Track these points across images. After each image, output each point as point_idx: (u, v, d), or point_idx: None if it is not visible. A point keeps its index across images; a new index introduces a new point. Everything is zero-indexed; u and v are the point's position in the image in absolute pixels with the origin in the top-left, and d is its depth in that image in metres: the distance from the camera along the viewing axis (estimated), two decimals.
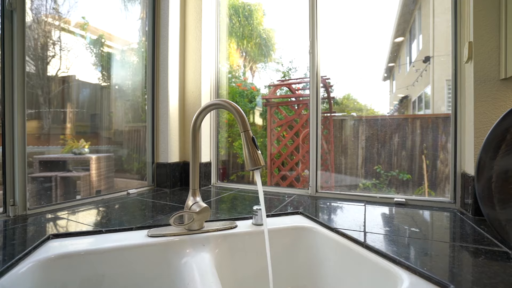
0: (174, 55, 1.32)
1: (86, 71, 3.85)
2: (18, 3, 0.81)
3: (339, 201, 1.07)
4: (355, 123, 2.96)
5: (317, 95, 1.14)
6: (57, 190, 3.25)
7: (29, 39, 4.27)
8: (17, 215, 0.81)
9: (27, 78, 3.06)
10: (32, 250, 0.58)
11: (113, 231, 0.71)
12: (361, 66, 2.99)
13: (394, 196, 1.04)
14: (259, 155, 0.63)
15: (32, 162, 3.81)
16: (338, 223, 0.78)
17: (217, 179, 1.44)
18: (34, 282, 0.52)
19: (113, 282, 0.61)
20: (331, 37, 3.00)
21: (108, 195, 1.11)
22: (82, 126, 4.13)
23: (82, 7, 3.67)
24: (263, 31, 5.02)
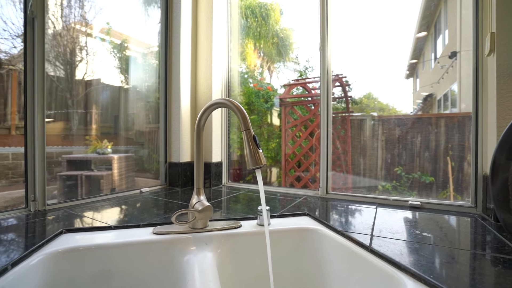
0: (186, 55, 1.35)
1: (110, 74, 4.04)
2: (38, 11, 0.86)
3: (349, 203, 1.04)
4: (375, 122, 2.86)
5: (328, 94, 1.11)
6: (82, 188, 3.44)
7: (59, 45, 4.55)
8: (37, 210, 0.87)
9: (57, 83, 3.25)
10: (45, 243, 0.62)
11: (122, 228, 0.74)
12: (382, 63, 2.88)
13: (409, 198, 0.99)
14: (260, 154, 0.63)
15: (60, 162, 4.06)
16: (345, 226, 0.75)
17: (228, 179, 1.45)
18: (43, 274, 0.55)
19: (118, 276, 0.64)
20: (348, 34, 2.92)
21: (122, 193, 1.15)
22: (106, 127, 4.33)
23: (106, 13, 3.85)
24: (280, 31, 4.99)
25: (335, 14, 1.17)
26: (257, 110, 3.60)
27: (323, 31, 1.11)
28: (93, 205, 0.97)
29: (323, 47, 1.11)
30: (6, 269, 0.49)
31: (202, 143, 0.75)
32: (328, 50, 1.12)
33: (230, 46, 1.48)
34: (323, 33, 1.11)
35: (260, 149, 0.63)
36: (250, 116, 3.51)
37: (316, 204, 1.02)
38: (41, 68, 0.86)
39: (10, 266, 0.50)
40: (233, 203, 1.05)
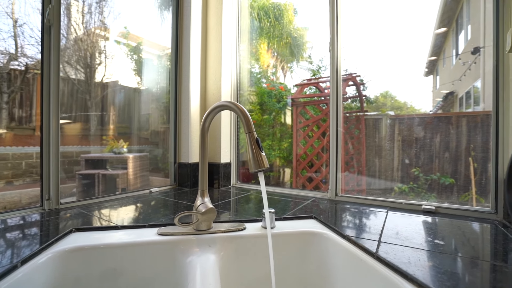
0: (195, 57, 1.36)
1: (126, 76, 4.17)
2: (55, 19, 0.90)
3: (359, 206, 1.00)
4: (391, 122, 2.77)
5: (338, 93, 1.08)
6: (99, 186, 3.57)
7: (80, 50, 4.73)
8: (51, 209, 0.90)
9: (78, 85, 3.36)
10: (54, 241, 0.64)
11: (128, 228, 0.75)
12: (399, 61, 2.78)
13: (422, 202, 0.95)
14: (263, 157, 0.62)
15: (79, 161, 4.21)
16: (352, 230, 0.73)
17: (237, 179, 1.45)
18: (51, 272, 0.57)
19: (123, 276, 0.65)
20: (363, 31, 2.85)
21: (132, 193, 1.18)
22: (122, 127, 4.47)
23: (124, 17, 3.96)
24: (294, 31, 4.96)
25: (348, 12, 1.14)
26: (269, 110, 3.58)
27: (333, 30, 1.08)
28: (104, 204, 1.00)
29: (333, 47, 1.09)
30: (16, 267, 0.52)
31: (207, 145, 0.75)
32: (338, 49, 1.09)
33: (240, 47, 1.48)
34: (333, 32, 1.08)
35: (263, 152, 0.62)
36: (262, 116, 3.50)
37: (324, 206, 1.00)
38: (56, 72, 0.90)
39: (20, 264, 0.53)
40: (240, 205, 1.04)
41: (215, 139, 1.38)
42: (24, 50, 4.90)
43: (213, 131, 1.40)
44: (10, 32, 4.54)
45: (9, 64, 4.79)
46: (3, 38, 4.76)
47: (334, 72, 1.09)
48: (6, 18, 4.60)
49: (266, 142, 3.43)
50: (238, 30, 1.46)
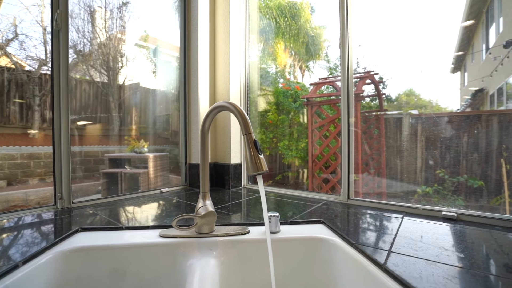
0: (204, 58, 1.36)
1: (147, 78, 4.29)
2: (63, 24, 0.93)
3: (372, 211, 0.94)
4: (414, 121, 2.63)
5: (349, 92, 1.03)
6: (122, 184, 3.69)
7: (103, 54, 4.93)
8: (63, 208, 0.93)
9: (102, 88, 3.53)
10: (59, 241, 0.65)
11: (132, 228, 0.76)
12: (423, 57, 2.63)
13: (443, 208, 0.87)
14: (261, 160, 0.59)
15: (103, 160, 4.38)
16: (361, 237, 0.68)
17: (248, 180, 1.43)
18: (53, 272, 0.58)
19: (124, 277, 0.65)
20: (383, 27, 2.72)
21: (143, 193, 1.19)
22: (143, 128, 4.61)
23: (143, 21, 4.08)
24: (311, 29, 4.88)
25: (366, 5, 1.08)
26: (286, 110, 3.54)
27: (343, 25, 1.03)
28: (114, 204, 1.02)
29: (343, 43, 1.03)
30: (17, 266, 0.53)
31: (207, 147, 0.73)
32: (348, 45, 1.04)
33: (249, 47, 1.46)
34: (343, 28, 1.03)
35: (261, 155, 0.60)
36: (279, 116, 3.47)
37: (334, 210, 0.95)
38: (65, 75, 0.93)
39: (21, 263, 0.54)
40: (248, 207, 1.02)
41: (225, 140, 1.37)
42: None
43: (222, 132, 1.39)
44: (41, 39, 4.79)
45: (40, 69, 5.09)
46: (34, 45, 5.02)
47: (344, 69, 1.03)
48: (37, 26, 4.87)
49: (283, 142, 3.38)
50: (246, 31, 1.44)
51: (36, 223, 0.79)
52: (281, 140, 3.49)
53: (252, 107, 3.72)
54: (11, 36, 3.76)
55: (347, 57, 1.03)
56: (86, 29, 4.85)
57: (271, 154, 3.79)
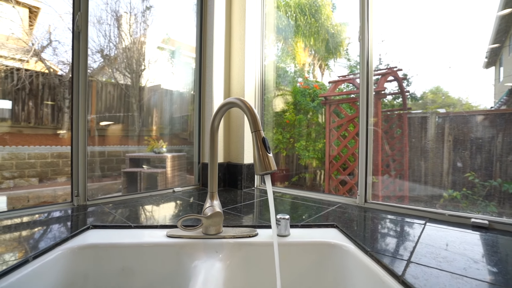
0: (219, 56, 1.35)
1: (168, 80, 4.40)
2: (83, 26, 0.95)
3: (391, 215, 0.88)
4: (441, 120, 2.48)
5: (368, 89, 0.97)
6: (141, 183, 3.80)
7: (127, 57, 5.09)
8: (79, 205, 0.96)
9: (125, 90, 3.68)
10: (70, 237, 0.66)
11: (141, 227, 0.76)
12: (451, 52, 2.46)
13: (472, 215, 0.79)
14: (270, 159, 0.56)
15: (124, 159, 4.53)
16: (377, 244, 0.63)
17: (261, 181, 1.40)
18: (60, 268, 0.58)
19: (130, 276, 0.65)
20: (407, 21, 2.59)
21: (155, 192, 1.21)
22: (163, 128, 4.72)
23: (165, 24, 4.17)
24: (331, 27, 4.77)
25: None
26: (304, 109, 3.47)
27: (362, 18, 0.97)
28: (127, 202, 1.03)
29: (363, 36, 0.98)
30: (27, 261, 0.54)
31: (217, 146, 0.72)
32: (368, 39, 0.98)
33: (264, 46, 1.43)
34: (362, 19, 0.97)
35: (270, 153, 0.57)
36: (296, 116, 3.41)
37: (350, 214, 0.90)
38: (84, 76, 0.95)
39: (32, 258, 0.55)
40: (259, 208, 0.99)
41: (238, 139, 1.36)
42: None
43: (236, 131, 1.37)
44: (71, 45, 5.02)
45: (70, 72, 5.39)
46: (65, 51, 5.32)
47: (364, 65, 0.98)
48: (68, 32, 5.15)
49: (300, 142, 3.32)
50: (262, 28, 1.41)
51: (53, 219, 0.82)
52: (298, 141, 3.42)
53: (269, 106, 3.69)
54: (46, 43, 4.02)
55: (367, 51, 0.97)
56: (112, 33, 5.07)
57: (288, 154, 3.74)
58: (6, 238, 0.66)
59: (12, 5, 5.09)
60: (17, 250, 0.58)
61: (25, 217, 0.83)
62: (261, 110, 1.42)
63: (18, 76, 4.58)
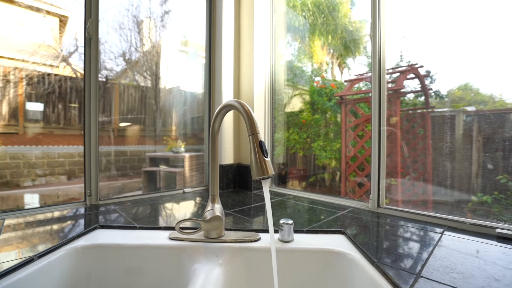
0: (228, 56, 1.35)
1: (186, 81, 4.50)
2: (93, 32, 0.98)
3: (406, 222, 0.83)
4: (469, 119, 2.31)
5: (380, 88, 0.92)
6: (160, 182, 3.90)
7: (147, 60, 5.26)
8: (91, 204, 0.99)
9: (146, 92, 3.81)
10: (77, 237, 0.68)
11: (145, 229, 0.77)
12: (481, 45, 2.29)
13: (498, 225, 0.72)
14: (267, 163, 0.55)
15: (144, 159, 4.67)
16: (385, 254, 0.59)
17: (272, 183, 1.38)
18: (64, 267, 0.60)
19: (132, 277, 0.65)
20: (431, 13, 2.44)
21: (165, 192, 1.22)
22: (182, 129, 4.83)
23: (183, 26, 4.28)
24: (349, 24, 4.65)
25: None
26: (321, 109, 3.39)
27: (374, 14, 0.92)
28: (137, 203, 1.06)
29: (374, 33, 0.92)
30: (32, 260, 0.56)
31: (218, 148, 0.71)
32: (381, 37, 0.92)
33: (274, 46, 1.40)
34: (374, 16, 0.92)
35: (267, 157, 0.55)
36: (313, 116, 3.34)
37: (360, 219, 0.85)
38: (95, 80, 0.98)
39: (37, 257, 0.57)
40: (263, 211, 0.97)
41: (247, 140, 1.34)
42: (105, 64, 5.70)
43: (245, 132, 1.36)
44: None
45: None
46: None
47: (376, 63, 0.92)
48: None
49: (317, 142, 3.25)
50: (272, 27, 1.39)
51: (64, 218, 0.85)
52: (315, 140, 3.35)
53: (282, 106, 3.64)
54: (73, 49, 4.28)
55: (379, 49, 0.92)
56: (133, 38, 5.27)
57: (305, 155, 3.67)
58: (18, 235, 0.69)
59: (43, 15, 5.44)
60: (25, 248, 0.60)
61: (40, 215, 0.86)
62: (271, 110, 1.39)
63: (48, 81, 4.89)
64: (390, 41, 1.08)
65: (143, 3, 5.61)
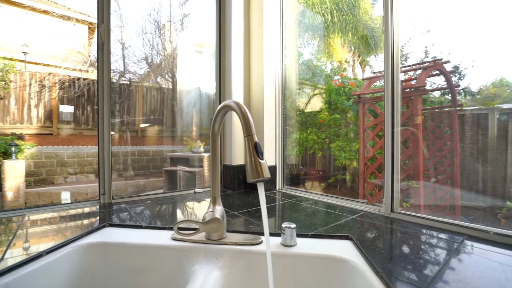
0: (237, 56, 1.34)
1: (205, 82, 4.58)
2: (105, 37, 1.02)
3: (422, 229, 0.77)
4: (504, 117, 2.14)
5: (393, 87, 0.86)
6: (180, 181, 3.99)
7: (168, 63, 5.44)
8: (105, 202, 1.03)
9: (167, 93, 4.00)
10: (86, 234, 0.71)
11: (151, 228, 0.78)
12: None
13: None
14: (262, 166, 0.53)
15: (165, 158, 4.82)
16: (392, 264, 0.55)
17: (283, 184, 1.36)
18: (71, 264, 0.63)
19: (135, 276, 0.67)
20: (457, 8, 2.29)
21: (176, 192, 1.24)
22: (201, 129, 4.92)
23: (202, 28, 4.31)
24: (370, 20, 4.50)
25: None
26: (339, 108, 3.30)
27: (386, 7, 0.87)
28: (148, 202, 1.08)
29: (386, 28, 0.87)
30: (41, 255, 0.59)
31: (218, 150, 0.70)
32: (393, 32, 0.87)
33: (284, 45, 1.38)
34: (386, 8, 0.87)
35: (262, 160, 0.53)
36: (331, 116, 3.26)
37: (371, 225, 0.81)
38: (107, 83, 1.02)
39: (45, 253, 0.60)
40: (275, 213, 0.96)
41: (258, 141, 1.33)
42: (128, 67, 5.92)
43: (257, 132, 1.35)
44: (120, 55, 5.54)
45: (119, 80, 5.90)
46: (115, 60, 5.85)
47: (388, 60, 0.87)
48: (118, 43, 5.65)
49: (336, 143, 3.16)
50: (281, 28, 1.37)
51: (79, 215, 0.89)
52: (334, 141, 3.27)
53: (294, 105, 3.57)
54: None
55: (391, 44, 0.87)
56: (155, 42, 5.45)
57: (324, 155, 3.59)
58: (34, 231, 0.74)
59: (73, 23, 5.78)
60: (37, 244, 0.64)
61: (57, 212, 0.91)
62: (282, 110, 1.37)
63: (78, 84, 5.19)
64: (413, 37, 1.00)
65: (163, 8, 5.74)
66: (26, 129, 4.47)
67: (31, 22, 5.75)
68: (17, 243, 0.65)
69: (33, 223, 0.81)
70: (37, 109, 4.72)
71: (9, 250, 0.60)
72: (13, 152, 3.64)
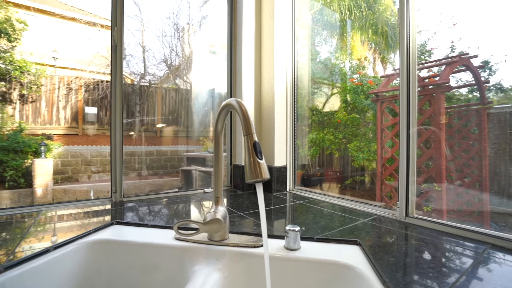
0: (248, 55, 1.33)
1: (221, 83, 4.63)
2: (118, 39, 1.05)
3: (439, 236, 0.71)
4: None
5: (408, 85, 0.81)
6: (196, 181, 4.06)
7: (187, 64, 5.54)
8: (117, 201, 1.06)
9: (185, 94, 4.10)
10: (93, 231, 0.73)
11: (155, 227, 0.78)
12: None
13: None
14: (261, 166, 0.51)
15: (182, 158, 4.92)
16: (402, 274, 0.51)
17: (294, 184, 1.33)
18: (76, 261, 0.64)
19: (137, 274, 0.67)
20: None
21: (186, 192, 1.25)
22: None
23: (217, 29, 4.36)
24: (392, 16, 4.33)
25: None
26: (357, 108, 3.20)
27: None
28: (157, 201, 1.10)
29: (402, 21, 0.82)
30: (48, 251, 0.61)
31: (221, 150, 0.69)
32: (409, 25, 0.81)
33: (296, 44, 1.35)
34: (402, 0, 0.82)
35: (261, 160, 0.52)
36: (348, 115, 3.17)
37: (383, 230, 0.76)
38: (120, 84, 1.05)
39: (53, 249, 0.62)
40: (283, 215, 0.93)
41: (269, 141, 1.31)
42: (148, 69, 6.07)
43: (267, 132, 1.33)
44: (141, 58, 5.71)
45: (140, 82, 6.09)
46: (136, 63, 6.02)
47: (404, 56, 0.82)
48: (139, 47, 5.83)
49: (353, 143, 3.07)
50: (293, 27, 1.34)
51: (91, 213, 0.92)
52: (351, 141, 3.17)
53: (305, 104, 3.49)
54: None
55: (407, 39, 0.81)
56: (174, 44, 5.58)
57: (341, 155, 3.49)
58: (47, 227, 0.76)
59: (98, 29, 6.06)
60: (46, 239, 0.66)
61: (70, 209, 0.95)
62: (293, 110, 1.34)
63: (101, 87, 5.42)
64: (438, 31, 0.93)
65: (182, 11, 5.86)
66: (55, 129, 4.74)
67: (60, 29, 6.12)
68: (29, 238, 0.68)
69: (47, 220, 0.85)
70: (64, 110, 5.00)
71: (20, 245, 0.63)
72: (43, 151, 3.88)
